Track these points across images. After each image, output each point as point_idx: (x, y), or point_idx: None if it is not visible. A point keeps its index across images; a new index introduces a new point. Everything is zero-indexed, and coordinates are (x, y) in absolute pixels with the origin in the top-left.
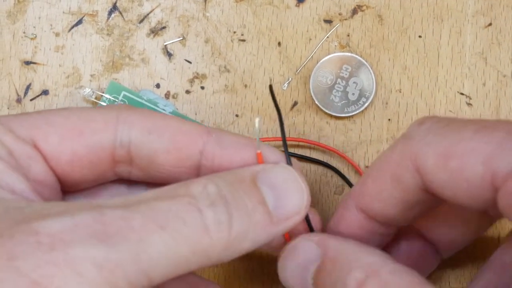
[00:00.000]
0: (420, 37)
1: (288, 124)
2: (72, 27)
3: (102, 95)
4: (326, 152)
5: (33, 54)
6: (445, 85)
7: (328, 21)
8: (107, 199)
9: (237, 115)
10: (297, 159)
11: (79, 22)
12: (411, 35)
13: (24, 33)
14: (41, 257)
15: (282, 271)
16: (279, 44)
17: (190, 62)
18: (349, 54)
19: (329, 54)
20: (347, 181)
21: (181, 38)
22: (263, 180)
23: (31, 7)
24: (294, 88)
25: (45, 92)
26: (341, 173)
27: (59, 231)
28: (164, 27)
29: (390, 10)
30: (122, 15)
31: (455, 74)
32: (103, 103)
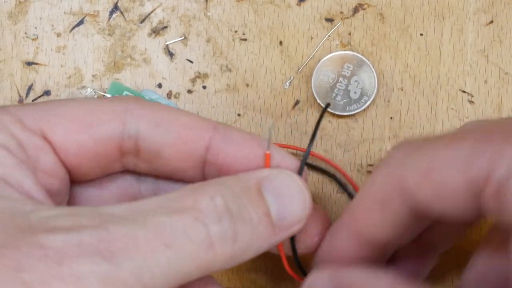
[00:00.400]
0: (421, 35)
1: (290, 123)
2: (74, 28)
3: (104, 95)
4: (326, 153)
5: (34, 55)
6: (447, 83)
7: (330, 20)
8: (114, 206)
9: (239, 114)
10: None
11: (81, 22)
12: (412, 33)
13: (26, 33)
14: (48, 271)
15: None
16: (280, 43)
17: (191, 62)
18: (351, 53)
19: (330, 53)
20: (344, 187)
21: (182, 38)
22: (268, 189)
23: (32, 8)
24: (296, 87)
25: (47, 93)
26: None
27: (66, 247)
28: (165, 27)
29: (392, 8)
30: (123, 15)
31: (456, 72)
32: None
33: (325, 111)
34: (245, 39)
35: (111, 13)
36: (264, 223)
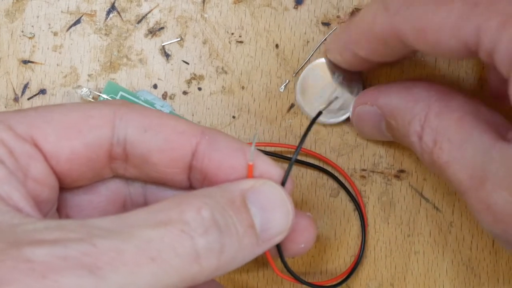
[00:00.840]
0: None
1: (284, 127)
2: (70, 27)
3: (99, 95)
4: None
5: (31, 53)
6: None
7: (326, 24)
8: (101, 218)
9: (234, 117)
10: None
11: (77, 21)
12: None
13: (22, 32)
14: (32, 285)
15: (361, 132)
16: (276, 46)
17: (187, 63)
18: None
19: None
20: (341, 184)
21: (179, 39)
22: (252, 200)
23: (29, 6)
24: (291, 90)
25: (42, 92)
26: (335, 176)
27: (51, 260)
28: (162, 28)
29: None
30: (120, 15)
31: (451, 78)
32: None
33: (313, 122)
34: (241, 42)
35: (108, 13)
36: (248, 235)
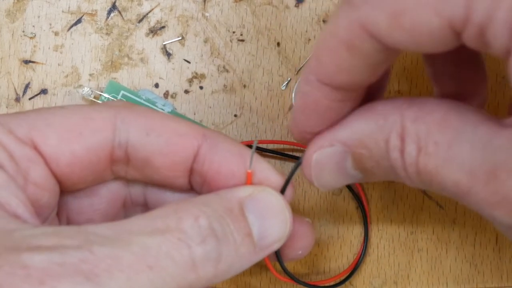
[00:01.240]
0: None
1: (286, 125)
2: (71, 26)
3: (101, 95)
4: None
5: (32, 53)
6: None
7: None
8: (98, 225)
9: (235, 115)
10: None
11: (78, 21)
12: None
13: (23, 32)
14: None
15: (321, 183)
16: (278, 44)
17: (189, 62)
18: None
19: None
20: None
21: (180, 38)
22: (250, 208)
23: (30, 6)
24: (293, 88)
25: (44, 91)
26: None
27: (49, 266)
28: (163, 27)
29: None
30: (121, 15)
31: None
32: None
33: (297, 167)
34: (242, 40)
35: (109, 12)
36: (246, 243)
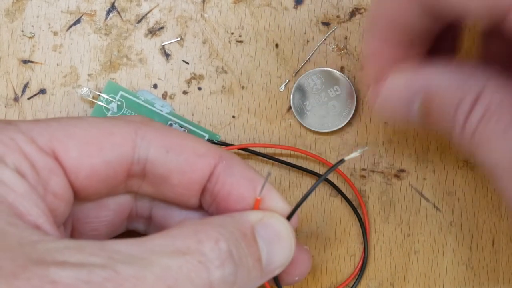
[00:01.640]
0: None
1: (284, 126)
2: (70, 27)
3: (99, 95)
4: (320, 156)
5: (31, 53)
6: None
7: (326, 24)
8: (120, 242)
9: (233, 116)
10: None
11: (77, 21)
12: None
13: (22, 31)
14: None
15: (384, 109)
16: (276, 45)
17: (187, 63)
18: (325, 69)
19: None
20: (337, 189)
21: (178, 39)
22: (261, 234)
23: (29, 6)
24: (291, 90)
25: (42, 91)
26: (332, 182)
27: (75, 284)
28: (162, 28)
29: None
30: (120, 15)
31: None
32: (100, 103)
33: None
34: (241, 41)
35: (108, 12)
36: (256, 268)
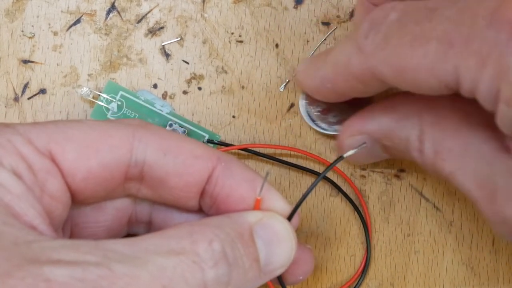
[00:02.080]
0: None
1: (284, 126)
2: (70, 26)
3: (99, 95)
4: (320, 156)
5: (31, 53)
6: None
7: (326, 23)
8: (115, 241)
9: (234, 116)
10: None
11: (77, 21)
12: None
13: (22, 31)
14: None
15: (356, 162)
16: (276, 45)
17: (187, 63)
18: None
19: None
20: (338, 188)
21: (179, 39)
22: (260, 234)
23: (29, 6)
24: (291, 90)
25: (42, 91)
26: (332, 180)
27: (69, 282)
28: (162, 28)
29: None
30: (120, 15)
31: None
32: (100, 103)
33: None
34: (241, 41)
35: (108, 12)
36: (253, 268)
